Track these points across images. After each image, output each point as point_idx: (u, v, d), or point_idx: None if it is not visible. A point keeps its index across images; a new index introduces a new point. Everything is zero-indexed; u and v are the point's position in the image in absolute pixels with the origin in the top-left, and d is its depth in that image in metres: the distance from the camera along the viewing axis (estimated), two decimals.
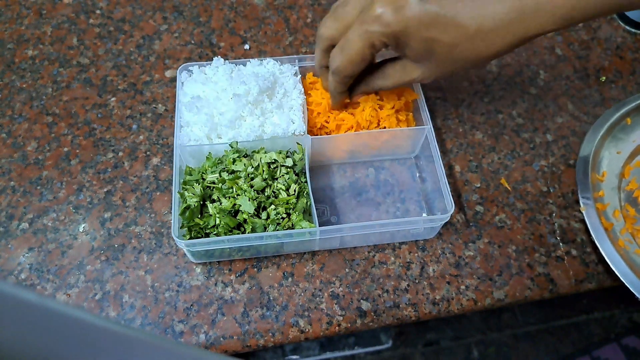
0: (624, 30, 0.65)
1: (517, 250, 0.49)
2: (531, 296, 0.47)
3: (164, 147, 0.54)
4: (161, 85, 0.58)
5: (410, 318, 0.46)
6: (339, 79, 0.43)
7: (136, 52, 0.60)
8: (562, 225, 0.51)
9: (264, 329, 0.44)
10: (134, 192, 0.51)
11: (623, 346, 0.86)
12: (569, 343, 1.11)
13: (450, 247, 0.49)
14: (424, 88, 0.58)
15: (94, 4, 0.64)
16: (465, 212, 0.51)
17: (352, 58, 0.40)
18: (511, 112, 0.58)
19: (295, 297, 0.46)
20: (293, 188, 0.45)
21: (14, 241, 0.48)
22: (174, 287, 0.46)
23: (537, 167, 0.54)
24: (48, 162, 0.52)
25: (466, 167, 0.54)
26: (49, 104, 0.56)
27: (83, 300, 0.45)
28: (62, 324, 0.15)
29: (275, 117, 0.49)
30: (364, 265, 0.48)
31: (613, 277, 0.48)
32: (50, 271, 0.46)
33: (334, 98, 0.47)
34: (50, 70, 0.58)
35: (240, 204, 0.43)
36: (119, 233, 0.48)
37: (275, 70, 0.52)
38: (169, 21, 0.63)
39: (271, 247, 0.46)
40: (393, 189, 0.52)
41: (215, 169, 0.46)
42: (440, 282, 0.47)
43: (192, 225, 0.44)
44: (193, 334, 0.44)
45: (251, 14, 0.64)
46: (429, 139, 0.49)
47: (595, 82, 0.61)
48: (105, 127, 0.55)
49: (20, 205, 0.50)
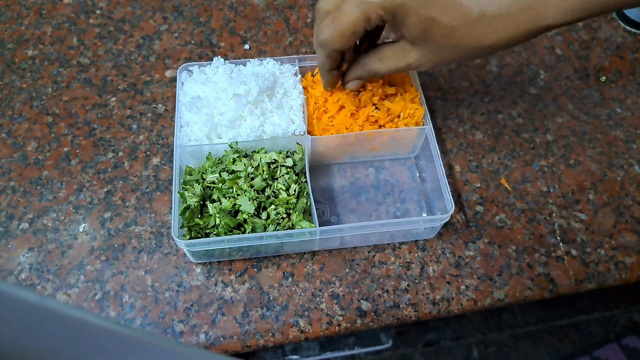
0: (624, 30, 0.65)
1: (517, 250, 0.49)
2: (531, 296, 0.47)
3: (164, 147, 0.54)
4: (161, 85, 0.58)
5: (410, 318, 0.46)
6: (326, 52, 0.41)
7: (136, 52, 0.60)
8: (562, 225, 0.51)
9: (264, 329, 0.44)
10: (134, 192, 0.51)
11: (623, 346, 0.86)
12: (569, 343, 1.11)
13: (450, 247, 0.49)
14: (424, 88, 0.58)
15: (94, 4, 0.64)
16: (465, 212, 0.51)
17: (343, 29, 0.38)
18: (511, 112, 0.58)
19: (295, 297, 0.46)
20: (293, 188, 0.45)
21: (14, 241, 0.48)
22: (174, 287, 0.46)
23: (537, 167, 0.54)
24: (48, 162, 0.52)
25: (466, 167, 0.54)
26: (49, 104, 0.56)
27: (83, 300, 0.45)
28: (62, 324, 0.15)
29: (275, 117, 0.49)
30: (364, 265, 0.48)
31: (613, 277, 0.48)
32: (50, 271, 0.46)
33: (322, 76, 0.45)
34: (50, 70, 0.58)
35: (240, 204, 0.43)
36: (119, 233, 0.48)
37: (275, 70, 0.52)
38: (169, 21, 0.63)
39: (271, 247, 0.46)
40: (393, 189, 0.52)
41: (215, 169, 0.46)
42: (440, 282, 0.47)
43: (192, 225, 0.44)
44: (193, 334, 0.44)
45: (251, 14, 0.64)
46: (429, 139, 0.49)
47: (595, 82, 0.61)
48: (105, 127, 0.55)
49: (20, 205, 0.50)
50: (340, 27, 0.38)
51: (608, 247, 0.50)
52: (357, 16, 0.37)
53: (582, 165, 0.54)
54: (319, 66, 0.44)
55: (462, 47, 0.37)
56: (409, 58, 0.40)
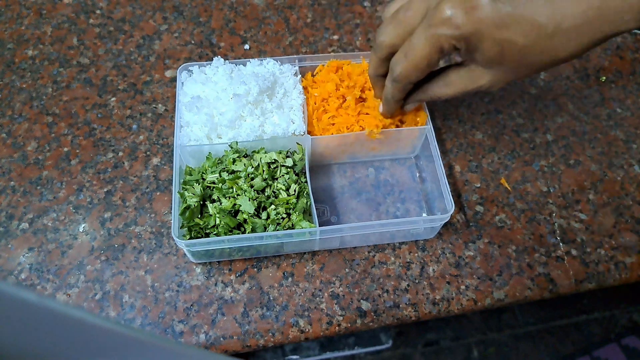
0: None
1: (517, 250, 0.49)
2: (531, 296, 0.47)
3: (164, 147, 0.54)
4: (161, 85, 0.58)
5: (410, 318, 0.46)
6: (400, 86, 0.41)
7: (136, 52, 0.60)
8: (562, 225, 0.51)
9: (264, 329, 0.44)
10: (134, 192, 0.51)
11: (623, 346, 0.86)
12: (569, 343, 1.11)
13: (450, 247, 0.49)
14: None
15: (94, 4, 0.64)
16: (465, 212, 0.51)
17: (417, 63, 0.37)
18: (511, 112, 0.58)
19: (295, 297, 0.46)
20: (293, 188, 0.45)
21: (14, 241, 0.48)
22: (174, 287, 0.46)
23: (537, 167, 0.54)
24: (48, 162, 0.52)
25: (466, 167, 0.54)
26: (49, 104, 0.56)
27: (83, 300, 0.45)
28: (62, 324, 0.15)
29: (275, 117, 0.49)
30: (364, 265, 0.48)
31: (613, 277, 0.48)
32: (50, 271, 0.46)
33: (389, 105, 0.45)
34: (50, 70, 0.58)
35: (240, 204, 0.43)
36: (119, 233, 0.48)
37: (275, 70, 0.52)
38: (169, 21, 0.63)
39: (271, 247, 0.46)
40: (393, 189, 0.52)
41: (215, 169, 0.46)
42: (440, 282, 0.47)
43: (192, 225, 0.44)
44: (193, 334, 0.44)
45: (251, 14, 0.64)
46: (429, 139, 0.49)
47: (595, 82, 0.61)
48: (105, 127, 0.55)
49: (20, 205, 0.50)
50: (414, 62, 0.37)
51: (608, 247, 0.50)
52: (429, 49, 0.36)
53: (582, 165, 0.54)
54: (388, 97, 0.43)
55: (537, 63, 0.36)
56: (481, 81, 0.39)
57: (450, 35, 0.35)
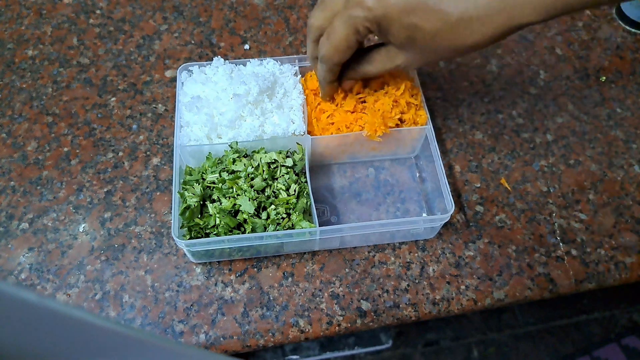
0: (624, 30, 0.65)
1: (517, 250, 0.49)
2: (531, 296, 0.47)
3: (164, 147, 0.54)
4: (161, 85, 0.58)
5: (410, 318, 0.46)
6: (327, 67, 0.43)
7: (136, 52, 0.60)
8: (562, 225, 0.51)
9: (264, 329, 0.44)
10: (134, 192, 0.51)
11: (623, 346, 0.86)
12: (569, 343, 1.11)
13: (450, 247, 0.49)
14: (424, 88, 0.58)
15: (94, 4, 0.64)
16: (465, 212, 0.51)
17: (338, 44, 0.40)
18: (511, 112, 0.58)
19: (295, 297, 0.46)
20: (293, 188, 0.45)
21: (14, 241, 0.48)
22: (174, 287, 0.46)
23: (537, 167, 0.54)
24: (48, 162, 0.52)
25: (466, 167, 0.54)
26: (49, 104, 0.56)
27: (83, 300, 0.45)
28: (62, 324, 0.15)
29: (275, 117, 0.49)
30: (364, 265, 0.48)
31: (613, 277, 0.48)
32: (50, 271, 0.46)
33: (322, 88, 0.47)
34: (50, 70, 0.59)
35: (240, 204, 0.43)
36: (119, 233, 0.48)
37: (275, 70, 0.52)
38: (169, 21, 0.63)
39: (271, 247, 0.46)
40: (393, 189, 0.52)
41: (215, 169, 0.46)
42: (440, 282, 0.47)
43: (192, 225, 0.44)
44: (193, 334, 0.44)
45: (251, 14, 0.64)
46: (429, 139, 0.49)
47: (595, 82, 0.61)
48: (105, 127, 0.55)
49: (20, 205, 0.50)
50: (335, 43, 0.40)
51: (608, 247, 0.50)
52: (347, 31, 0.39)
53: (582, 165, 0.54)
54: (320, 79, 0.46)
55: (445, 48, 0.38)
56: (397, 60, 0.42)
57: (364, 17, 0.38)
